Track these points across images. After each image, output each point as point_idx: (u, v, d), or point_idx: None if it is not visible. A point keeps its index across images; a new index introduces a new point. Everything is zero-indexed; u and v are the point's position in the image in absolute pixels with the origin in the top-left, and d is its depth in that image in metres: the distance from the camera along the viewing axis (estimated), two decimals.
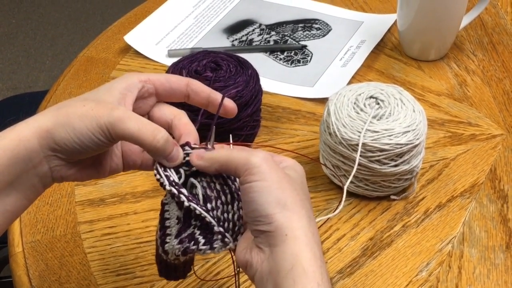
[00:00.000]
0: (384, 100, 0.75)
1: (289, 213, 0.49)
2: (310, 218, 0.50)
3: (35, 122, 0.52)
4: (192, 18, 1.09)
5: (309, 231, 0.49)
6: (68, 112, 0.52)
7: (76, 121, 0.51)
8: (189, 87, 0.57)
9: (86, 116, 0.51)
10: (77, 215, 0.76)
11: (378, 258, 0.71)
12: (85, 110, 0.51)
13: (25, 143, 0.51)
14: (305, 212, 0.50)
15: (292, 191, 0.50)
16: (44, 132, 0.51)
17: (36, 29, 2.62)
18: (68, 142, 0.51)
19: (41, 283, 0.68)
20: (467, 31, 1.06)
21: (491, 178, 0.80)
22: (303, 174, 0.53)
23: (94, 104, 0.52)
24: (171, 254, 0.53)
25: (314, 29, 1.06)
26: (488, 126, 0.87)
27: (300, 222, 0.49)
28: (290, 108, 0.91)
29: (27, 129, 0.51)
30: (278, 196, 0.49)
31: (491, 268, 0.70)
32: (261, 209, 0.49)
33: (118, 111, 0.52)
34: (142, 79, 0.56)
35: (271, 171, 0.50)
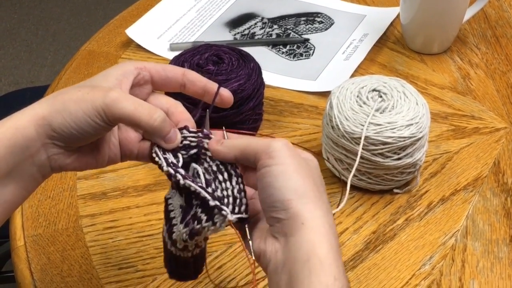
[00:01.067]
0: (387, 93, 0.75)
1: (307, 202, 0.47)
2: (328, 209, 0.49)
3: (32, 110, 0.51)
4: (194, 11, 1.09)
5: (327, 222, 0.48)
6: (64, 98, 0.52)
7: (72, 105, 0.51)
8: (185, 76, 0.57)
9: (81, 100, 0.51)
10: (79, 208, 0.76)
11: (381, 251, 0.71)
12: (80, 95, 0.51)
13: (22, 131, 0.51)
14: (323, 203, 0.49)
15: (311, 180, 0.49)
16: (40, 119, 0.51)
17: (38, 24, 2.62)
18: (65, 128, 0.51)
19: (43, 277, 0.68)
20: (471, 24, 1.05)
21: (494, 171, 0.80)
22: (318, 167, 0.52)
23: (90, 89, 0.52)
24: (179, 242, 0.53)
25: (316, 22, 1.06)
26: (492, 120, 0.87)
27: (318, 212, 0.47)
28: (292, 101, 0.91)
29: (24, 117, 0.51)
30: (296, 182, 0.48)
31: (494, 261, 0.70)
32: (278, 193, 0.48)
33: (113, 92, 0.51)
34: (138, 66, 0.56)
35: (291, 156, 0.49)
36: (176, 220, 0.54)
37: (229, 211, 0.50)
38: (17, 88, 2.10)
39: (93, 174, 0.80)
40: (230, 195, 0.52)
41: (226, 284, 0.68)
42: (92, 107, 0.51)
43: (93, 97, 0.51)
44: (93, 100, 0.51)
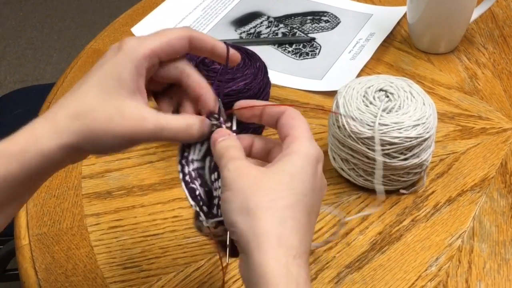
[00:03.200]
0: (393, 93, 0.74)
1: (251, 219, 0.46)
2: (279, 219, 0.46)
3: (59, 139, 0.50)
4: (200, 10, 1.08)
5: (274, 235, 0.46)
6: (93, 128, 0.50)
7: (104, 137, 0.50)
8: (191, 43, 0.55)
9: (117, 134, 0.50)
10: (83, 207, 0.75)
11: (387, 252, 0.70)
12: (113, 127, 0.50)
13: (49, 157, 0.50)
14: (273, 212, 0.46)
15: (261, 192, 0.47)
16: (69, 147, 0.50)
17: (43, 21, 2.62)
18: (97, 151, 0.52)
19: (47, 276, 0.68)
20: (478, 24, 1.04)
21: (501, 172, 0.79)
22: (304, 165, 0.49)
23: (121, 120, 0.50)
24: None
25: (322, 21, 1.05)
26: (499, 120, 0.86)
27: (264, 227, 0.46)
28: (298, 101, 0.90)
29: (51, 144, 0.49)
30: (241, 202, 0.47)
31: (501, 263, 0.69)
32: (226, 218, 0.48)
33: (149, 125, 0.51)
34: (147, 55, 0.53)
35: (237, 179, 0.49)
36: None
37: (204, 217, 0.51)
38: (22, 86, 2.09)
39: (98, 173, 0.79)
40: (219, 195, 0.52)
41: (232, 284, 0.67)
42: (128, 141, 0.51)
43: (131, 130, 0.50)
44: (131, 133, 0.50)
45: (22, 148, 0.49)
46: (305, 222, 0.48)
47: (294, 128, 0.52)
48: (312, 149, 0.50)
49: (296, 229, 0.47)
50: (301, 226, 0.47)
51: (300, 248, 0.46)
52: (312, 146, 0.51)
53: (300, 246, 0.46)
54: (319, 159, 0.51)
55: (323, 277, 0.68)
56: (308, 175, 0.49)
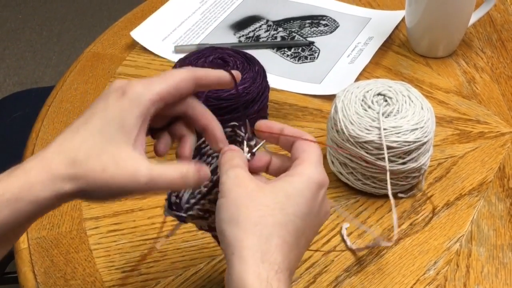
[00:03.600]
0: (392, 97, 0.75)
1: (239, 231, 0.47)
2: (266, 236, 0.47)
3: (54, 187, 0.48)
4: (199, 14, 1.09)
5: (258, 251, 0.46)
6: (86, 179, 0.49)
7: (98, 188, 0.49)
8: (197, 84, 0.55)
9: (111, 184, 0.49)
10: (82, 211, 0.76)
11: (386, 256, 0.71)
12: (108, 178, 0.49)
13: (42, 205, 0.49)
14: (261, 228, 0.47)
15: (253, 207, 0.48)
16: (63, 195, 0.49)
17: (42, 24, 2.62)
18: (89, 200, 0.51)
19: (46, 280, 0.68)
20: (476, 28, 1.05)
21: (499, 176, 0.79)
22: (303, 188, 0.50)
23: (116, 170, 0.49)
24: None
25: (321, 25, 1.06)
26: (497, 124, 0.87)
27: (250, 241, 0.47)
28: (297, 104, 0.90)
29: (47, 195, 0.48)
30: (232, 212, 0.48)
31: (499, 267, 0.69)
32: (217, 225, 0.49)
33: (142, 178, 0.49)
34: (154, 101, 0.51)
35: (234, 187, 0.49)
36: None
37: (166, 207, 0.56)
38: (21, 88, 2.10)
39: None
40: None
41: None
42: (125, 190, 0.50)
43: (125, 182, 0.49)
44: (124, 185, 0.49)
45: (16, 196, 0.48)
46: (292, 242, 0.49)
47: (304, 152, 0.53)
48: (316, 174, 0.51)
49: (281, 247, 0.48)
50: (287, 245, 0.48)
51: (282, 264, 0.47)
52: (316, 171, 0.51)
53: (283, 262, 0.47)
54: (322, 185, 0.51)
55: (321, 281, 0.68)
56: (305, 199, 0.50)
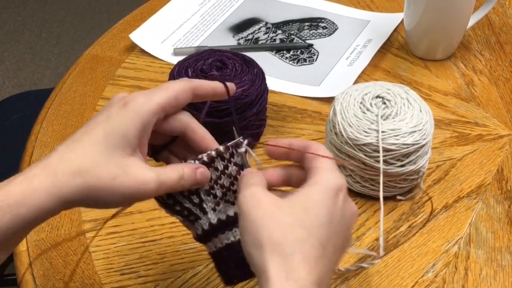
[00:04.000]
0: (390, 99, 0.75)
1: (262, 253, 0.48)
2: (288, 254, 0.47)
3: (59, 194, 0.49)
4: (198, 16, 1.09)
5: (282, 270, 0.47)
6: (95, 186, 0.50)
7: (106, 195, 0.50)
8: (194, 94, 0.56)
9: (120, 192, 0.51)
10: (81, 213, 0.76)
11: (384, 258, 0.71)
12: (117, 186, 0.50)
13: (44, 211, 0.49)
14: (283, 247, 0.47)
15: (273, 226, 0.48)
16: (67, 202, 0.50)
17: (41, 26, 2.63)
18: (94, 207, 0.52)
19: (45, 282, 0.68)
20: (475, 31, 1.05)
21: (498, 178, 0.79)
22: (321, 198, 0.50)
23: (125, 178, 0.51)
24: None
25: (320, 28, 1.06)
26: (495, 126, 0.87)
27: (273, 262, 0.47)
28: (296, 107, 0.90)
29: (51, 203, 0.49)
30: (254, 235, 0.48)
31: (497, 269, 0.70)
32: (244, 248, 0.50)
33: (150, 185, 0.51)
34: (154, 112, 0.53)
35: (252, 209, 0.50)
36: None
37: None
38: (20, 90, 2.10)
39: None
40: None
41: None
42: (133, 198, 0.51)
43: (135, 190, 0.51)
44: (135, 192, 0.51)
45: (18, 201, 0.48)
46: (317, 254, 0.48)
47: (316, 160, 0.53)
48: (331, 179, 0.51)
49: (304, 262, 0.47)
50: (311, 258, 0.48)
51: (307, 279, 0.47)
52: (332, 176, 0.51)
53: (308, 277, 0.47)
54: (339, 189, 0.51)
55: None
56: (325, 208, 0.50)
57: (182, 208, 0.56)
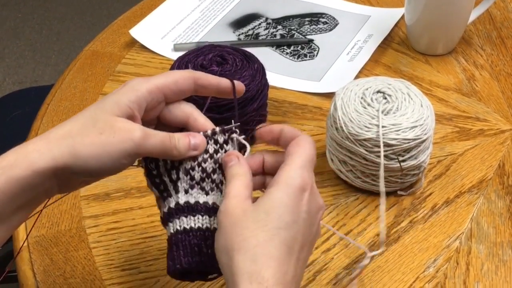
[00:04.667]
0: (391, 94, 0.75)
1: (229, 258, 0.49)
2: (251, 258, 0.48)
3: (50, 153, 0.50)
4: (198, 12, 1.08)
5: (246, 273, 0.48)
6: (85, 143, 0.50)
7: (96, 151, 0.50)
8: (196, 83, 0.57)
9: (107, 145, 0.51)
10: (82, 209, 0.75)
11: (385, 254, 0.70)
12: (104, 139, 0.51)
13: (39, 175, 0.50)
14: (245, 252, 0.48)
15: (236, 233, 0.49)
16: (61, 165, 0.50)
17: (42, 23, 2.62)
18: (88, 170, 0.51)
19: (45, 278, 0.68)
20: (476, 25, 1.05)
21: (499, 173, 0.79)
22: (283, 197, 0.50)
23: (110, 132, 0.51)
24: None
25: (321, 23, 1.05)
26: (497, 121, 0.87)
27: (237, 266, 0.48)
28: (296, 102, 0.90)
29: (42, 162, 0.49)
30: (224, 241, 0.50)
31: (499, 264, 0.69)
32: (216, 255, 0.51)
33: (135, 134, 0.51)
34: (150, 90, 0.54)
35: (223, 219, 0.51)
36: None
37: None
38: (21, 87, 2.10)
39: None
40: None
41: None
42: (120, 151, 0.51)
43: (120, 140, 0.51)
44: (120, 143, 0.51)
45: (11, 163, 0.49)
46: (281, 255, 0.49)
47: (290, 156, 0.53)
48: (296, 179, 0.51)
49: (268, 263, 0.48)
50: (274, 259, 0.49)
51: (271, 280, 0.48)
52: (296, 175, 0.51)
53: (272, 278, 0.48)
54: (304, 188, 0.51)
55: (321, 279, 0.68)
56: (287, 208, 0.50)
57: (160, 181, 0.56)
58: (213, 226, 0.55)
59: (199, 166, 0.56)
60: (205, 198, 0.56)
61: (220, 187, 0.56)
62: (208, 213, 0.55)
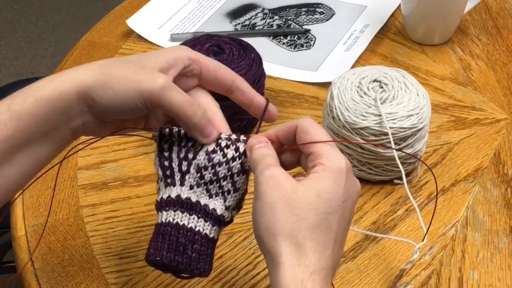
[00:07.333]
0: (387, 83, 0.75)
1: (275, 239, 0.48)
2: (301, 241, 0.48)
3: (77, 75, 0.52)
4: (195, 2, 1.08)
5: (294, 256, 0.48)
6: (111, 72, 0.52)
7: (117, 82, 0.51)
8: (235, 84, 0.57)
9: (128, 80, 0.51)
10: (79, 198, 0.76)
11: (381, 242, 0.71)
12: (128, 73, 0.52)
13: (64, 96, 0.51)
14: (296, 234, 0.48)
15: (289, 212, 0.49)
16: (84, 88, 0.51)
17: (38, 15, 2.62)
18: (105, 102, 0.52)
19: (44, 266, 0.69)
20: (472, 15, 1.05)
21: (495, 162, 0.80)
22: (331, 183, 0.50)
23: (138, 69, 0.52)
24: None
25: (317, 13, 1.06)
26: (492, 111, 0.87)
27: (285, 248, 0.48)
28: (293, 92, 0.90)
29: (69, 83, 0.51)
30: (268, 219, 0.49)
31: (494, 252, 0.70)
32: (255, 230, 0.50)
33: (160, 79, 0.52)
34: (191, 57, 0.56)
35: (270, 190, 0.50)
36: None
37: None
38: (17, 79, 2.09)
39: (94, 164, 0.80)
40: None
41: (227, 274, 0.68)
42: (137, 90, 0.51)
43: (141, 79, 0.51)
44: (139, 82, 0.51)
45: (41, 84, 0.51)
46: (326, 240, 0.49)
47: (314, 144, 0.52)
48: (338, 162, 0.51)
49: (315, 248, 0.48)
50: (321, 244, 0.49)
51: (317, 265, 0.48)
52: (336, 159, 0.51)
53: (318, 263, 0.48)
54: (345, 170, 0.51)
55: None
56: (335, 193, 0.50)
57: (169, 166, 0.55)
58: (205, 232, 0.53)
59: (212, 168, 0.54)
60: (207, 201, 0.54)
61: (225, 195, 0.55)
62: (204, 217, 0.54)
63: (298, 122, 0.54)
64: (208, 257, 0.54)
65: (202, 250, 0.53)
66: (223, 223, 0.55)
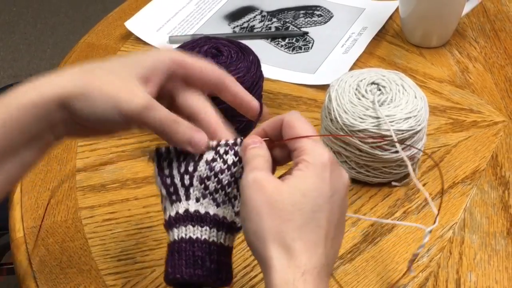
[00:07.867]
0: (385, 86, 0.75)
1: (264, 243, 0.48)
2: (289, 242, 0.48)
3: (60, 82, 0.51)
4: (193, 4, 1.09)
5: (284, 258, 0.48)
6: (93, 83, 0.51)
7: (98, 95, 0.51)
8: (224, 84, 0.57)
9: (109, 96, 0.51)
10: (78, 200, 0.76)
11: (379, 244, 0.71)
12: (109, 90, 0.51)
13: (47, 103, 0.51)
14: (283, 236, 0.48)
15: (274, 214, 0.48)
16: (65, 96, 0.51)
17: (37, 17, 2.62)
18: (86, 112, 0.51)
19: (42, 268, 0.69)
20: (469, 18, 1.05)
21: (492, 164, 0.80)
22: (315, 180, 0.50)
23: (119, 83, 0.52)
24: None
25: (315, 15, 1.06)
26: (490, 113, 0.87)
27: (273, 251, 0.48)
28: (291, 94, 0.91)
29: (50, 90, 0.51)
30: (256, 223, 0.49)
31: (492, 254, 0.70)
32: (245, 236, 0.50)
33: (139, 99, 0.51)
34: (175, 59, 0.55)
35: (254, 195, 0.49)
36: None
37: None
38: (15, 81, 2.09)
39: (92, 166, 0.80)
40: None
41: None
42: (116, 108, 0.51)
43: (120, 98, 0.51)
44: (119, 102, 0.51)
45: (24, 90, 0.51)
46: (316, 238, 0.49)
47: (299, 139, 0.52)
48: (319, 157, 0.50)
49: (305, 248, 0.48)
50: (311, 243, 0.49)
51: (309, 265, 0.48)
52: (318, 153, 0.51)
53: (309, 262, 0.48)
54: (331, 162, 0.51)
55: None
56: (321, 190, 0.50)
57: (172, 183, 0.55)
58: (219, 241, 0.53)
59: (215, 177, 0.54)
60: (216, 210, 0.54)
61: (232, 201, 0.55)
62: (216, 226, 0.53)
63: (284, 116, 0.53)
64: (227, 265, 0.54)
65: (220, 260, 0.53)
66: (235, 229, 0.55)
